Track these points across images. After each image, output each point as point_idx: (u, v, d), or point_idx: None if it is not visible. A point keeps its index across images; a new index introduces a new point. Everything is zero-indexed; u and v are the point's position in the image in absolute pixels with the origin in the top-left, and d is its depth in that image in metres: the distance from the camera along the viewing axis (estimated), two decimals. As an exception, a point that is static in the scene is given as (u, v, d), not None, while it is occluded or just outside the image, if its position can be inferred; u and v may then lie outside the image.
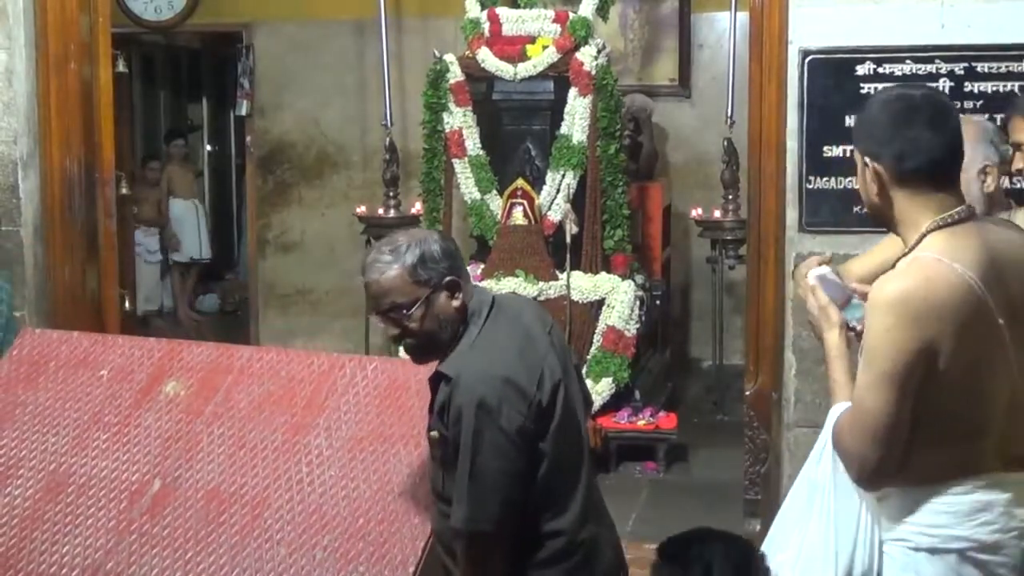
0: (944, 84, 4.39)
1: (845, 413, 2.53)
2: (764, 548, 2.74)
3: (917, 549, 2.53)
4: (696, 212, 7.41)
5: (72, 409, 3.73)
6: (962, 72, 4.38)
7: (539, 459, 2.80)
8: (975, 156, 3.25)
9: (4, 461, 3.64)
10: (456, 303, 2.85)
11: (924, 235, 2.51)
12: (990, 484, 2.52)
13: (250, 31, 9.26)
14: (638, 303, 6.40)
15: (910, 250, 2.52)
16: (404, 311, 2.82)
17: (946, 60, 4.38)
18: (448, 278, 2.84)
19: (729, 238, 7.16)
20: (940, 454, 2.50)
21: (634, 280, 6.50)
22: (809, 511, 2.66)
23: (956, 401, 2.47)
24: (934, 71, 4.40)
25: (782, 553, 2.69)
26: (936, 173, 2.52)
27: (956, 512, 2.51)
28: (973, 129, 3.32)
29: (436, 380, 2.87)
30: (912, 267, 2.47)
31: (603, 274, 6.40)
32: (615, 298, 6.31)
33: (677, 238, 8.34)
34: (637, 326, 6.38)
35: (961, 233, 2.50)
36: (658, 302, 7.06)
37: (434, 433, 2.86)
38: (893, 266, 2.55)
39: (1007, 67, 4.36)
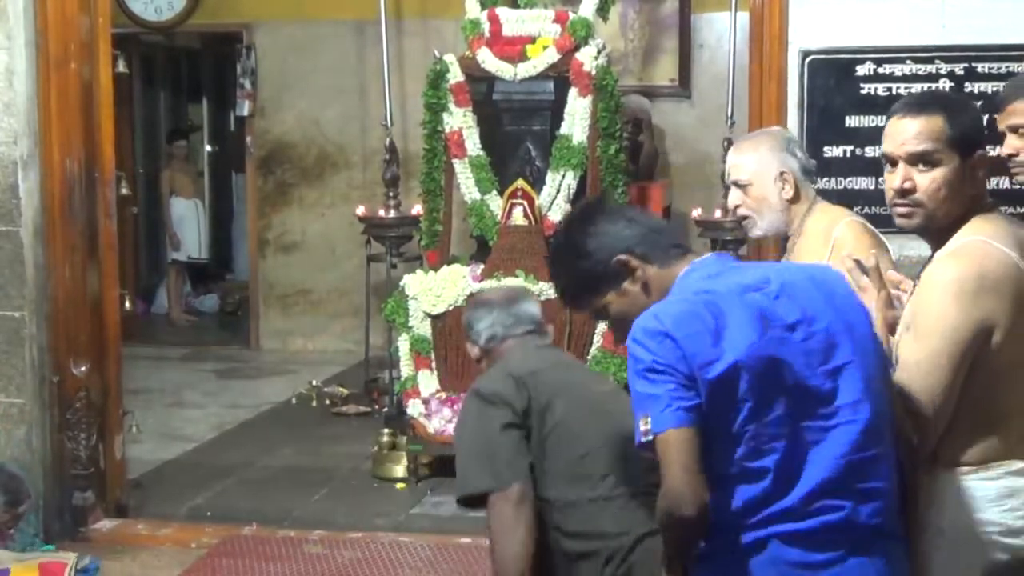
0: (944, 84, 4.39)
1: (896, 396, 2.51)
2: None
3: (941, 533, 2.52)
4: (696, 212, 7.39)
5: None
6: (962, 72, 4.38)
7: None
8: (772, 163, 3.31)
9: None
10: None
11: (963, 220, 2.55)
12: (1020, 471, 2.52)
13: (250, 31, 9.26)
14: (638, 303, 6.39)
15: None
16: None
17: (946, 60, 4.39)
18: None
19: (729, 238, 7.13)
20: (971, 439, 2.51)
21: (634, 280, 6.49)
22: None
23: (1000, 381, 2.50)
24: (934, 71, 4.40)
25: None
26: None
27: (983, 497, 2.51)
28: (771, 139, 3.42)
29: None
30: (964, 249, 2.51)
31: (603, 274, 6.39)
32: (615, 298, 6.30)
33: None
34: (637, 326, 6.37)
35: (994, 219, 2.56)
36: (658, 302, 7.04)
37: None
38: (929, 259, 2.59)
39: (1007, 67, 4.36)
